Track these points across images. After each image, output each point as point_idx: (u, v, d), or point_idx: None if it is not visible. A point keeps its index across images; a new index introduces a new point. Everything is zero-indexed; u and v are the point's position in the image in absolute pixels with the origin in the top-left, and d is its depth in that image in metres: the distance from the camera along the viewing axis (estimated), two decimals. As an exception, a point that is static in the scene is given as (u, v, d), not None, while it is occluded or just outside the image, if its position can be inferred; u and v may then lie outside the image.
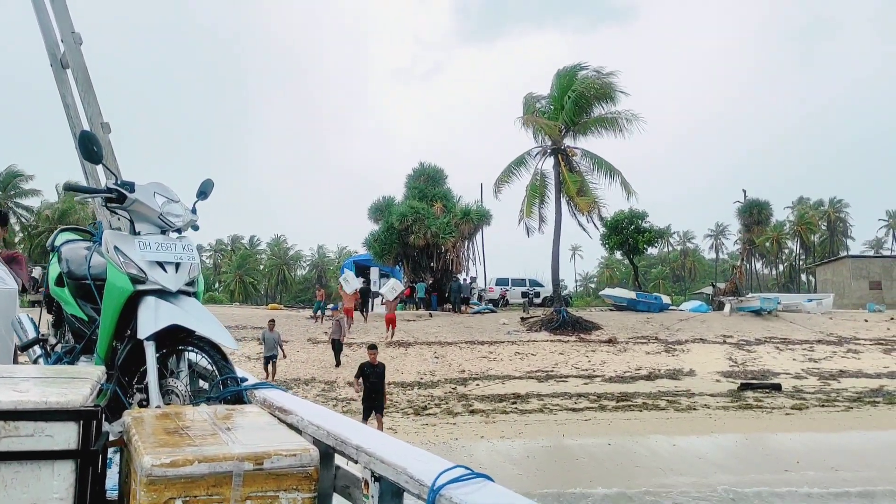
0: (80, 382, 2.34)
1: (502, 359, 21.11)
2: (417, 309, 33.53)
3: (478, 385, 17.83)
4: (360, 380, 12.01)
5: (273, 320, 18.25)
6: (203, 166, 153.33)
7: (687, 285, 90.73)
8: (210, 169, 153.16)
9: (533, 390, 17.10)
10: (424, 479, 1.82)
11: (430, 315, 30.32)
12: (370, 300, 31.11)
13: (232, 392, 3.30)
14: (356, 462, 2.18)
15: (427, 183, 36.70)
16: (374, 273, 35.95)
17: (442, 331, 25.64)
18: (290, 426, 2.60)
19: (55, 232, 4.61)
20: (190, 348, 3.53)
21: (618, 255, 50.37)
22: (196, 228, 4.04)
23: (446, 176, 37.99)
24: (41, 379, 2.48)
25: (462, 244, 35.47)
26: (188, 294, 3.65)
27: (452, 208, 35.13)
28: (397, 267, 36.51)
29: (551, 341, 23.88)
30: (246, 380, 3.45)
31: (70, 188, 3.92)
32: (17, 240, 57.51)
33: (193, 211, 3.93)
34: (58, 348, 4.39)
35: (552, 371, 19.68)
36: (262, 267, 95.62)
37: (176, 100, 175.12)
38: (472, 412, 14.82)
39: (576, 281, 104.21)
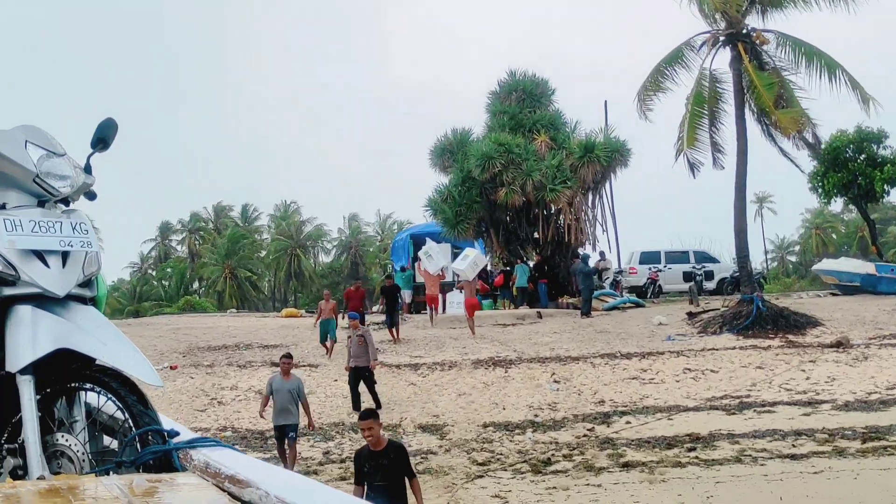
0: None
1: (664, 379, 21.00)
2: (517, 306, 33.48)
3: (629, 423, 17.72)
4: (360, 487, 9.84)
5: (289, 357, 16.01)
6: (164, 103, 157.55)
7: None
8: (176, 108, 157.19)
9: (720, 428, 16.84)
10: None
11: (540, 315, 30.27)
12: (400, 303, 30.60)
13: (155, 453, 3.31)
14: None
15: (522, 103, 36.45)
16: (446, 251, 36.04)
17: (561, 339, 25.67)
18: None
19: None
20: (88, 386, 3.55)
21: (836, 204, 49.01)
22: (92, 197, 4.10)
23: (552, 90, 37.67)
24: None
25: (583, 200, 35.21)
26: (82, 300, 3.68)
27: (565, 142, 34.81)
28: (480, 240, 36.55)
29: (741, 348, 23.66)
30: (177, 433, 3.47)
31: None
32: None
33: (88, 170, 3.95)
34: None
35: (748, 396, 19.42)
36: (263, 253, 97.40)
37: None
38: (626, 466, 14.67)
39: (766, 251, 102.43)
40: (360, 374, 18.97)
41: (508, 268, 35.17)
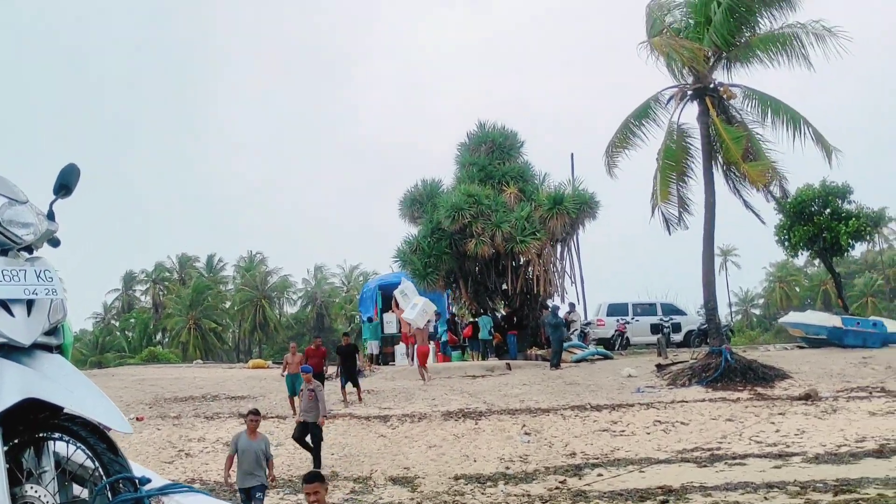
0: None
1: (635, 431, 20.89)
2: (484, 358, 33.40)
3: (601, 475, 17.61)
4: None
5: (256, 414, 14.83)
6: (132, 155, 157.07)
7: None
8: (144, 158, 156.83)
9: (692, 480, 16.74)
10: None
11: (509, 366, 30.19)
12: (360, 360, 28.61)
13: (127, 501, 3.32)
14: None
15: (492, 155, 36.65)
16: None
17: (531, 391, 25.58)
18: None
19: None
20: (57, 435, 3.54)
21: (800, 258, 49.57)
22: (55, 244, 4.09)
23: (521, 142, 37.94)
24: None
25: (552, 252, 35.34)
26: (49, 348, 3.68)
27: (534, 194, 34.98)
28: (448, 291, 36.53)
29: (711, 401, 23.61)
30: (148, 480, 3.48)
31: None
32: None
33: (51, 217, 3.94)
34: None
35: (719, 448, 19.34)
36: (227, 304, 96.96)
37: (87, 53, 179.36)
38: (599, 519, 14.59)
39: (730, 304, 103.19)
40: (308, 429, 18.41)
41: (475, 319, 35.11)
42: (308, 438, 18.44)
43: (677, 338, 37.45)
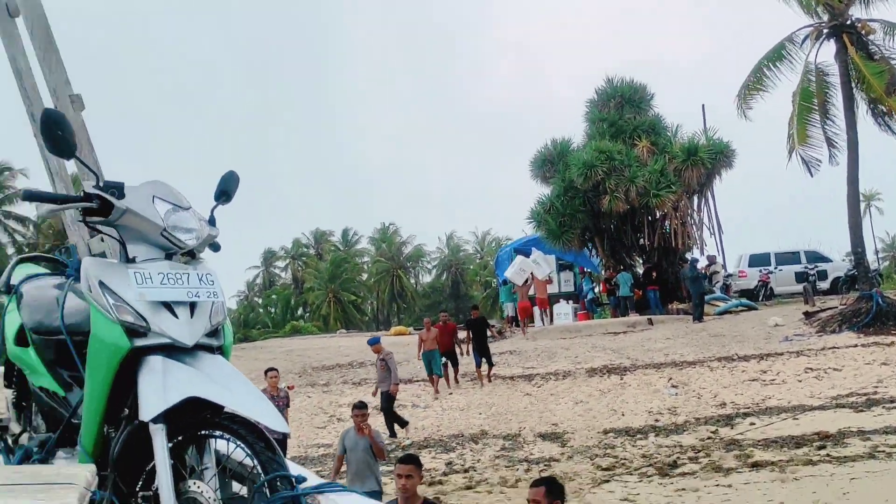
0: (60, 490, 2.44)
1: (785, 380, 20.58)
2: (624, 313, 33.21)
3: (753, 424, 17.40)
4: None
5: (361, 408, 12.04)
6: (266, 140, 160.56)
7: None
8: (271, 143, 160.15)
9: (849, 425, 16.37)
10: None
11: (651, 322, 29.97)
12: (489, 333, 26.95)
13: (285, 499, 3.35)
14: None
15: (621, 110, 36.24)
16: (549, 264, 36.04)
17: (675, 345, 25.52)
18: None
19: (10, 265, 4.84)
20: (218, 433, 3.60)
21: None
22: (216, 248, 4.20)
23: (651, 95, 37.36)
24: (4, 487, 2.57)
25: (688, 204, 34.86)
26: (210, 349, 3.75)
27: (667, 146, 34.48)
28: (586, 250, 36.42)
29: (863, 346, 23.11)
30: (304, 479, 3.51)
31: (30, 197, 3.98)
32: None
33: (212, 222, 4.02)
34: (24, 440, 4.58)
35: (875, 393, 18.86)
36: (364, 276, 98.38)
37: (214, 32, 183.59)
38: (755, 466, 14.38)
39: (876, 251, 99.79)
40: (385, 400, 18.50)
41: (610, 276, 34.76)
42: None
43: (824, 285, 36.54)
